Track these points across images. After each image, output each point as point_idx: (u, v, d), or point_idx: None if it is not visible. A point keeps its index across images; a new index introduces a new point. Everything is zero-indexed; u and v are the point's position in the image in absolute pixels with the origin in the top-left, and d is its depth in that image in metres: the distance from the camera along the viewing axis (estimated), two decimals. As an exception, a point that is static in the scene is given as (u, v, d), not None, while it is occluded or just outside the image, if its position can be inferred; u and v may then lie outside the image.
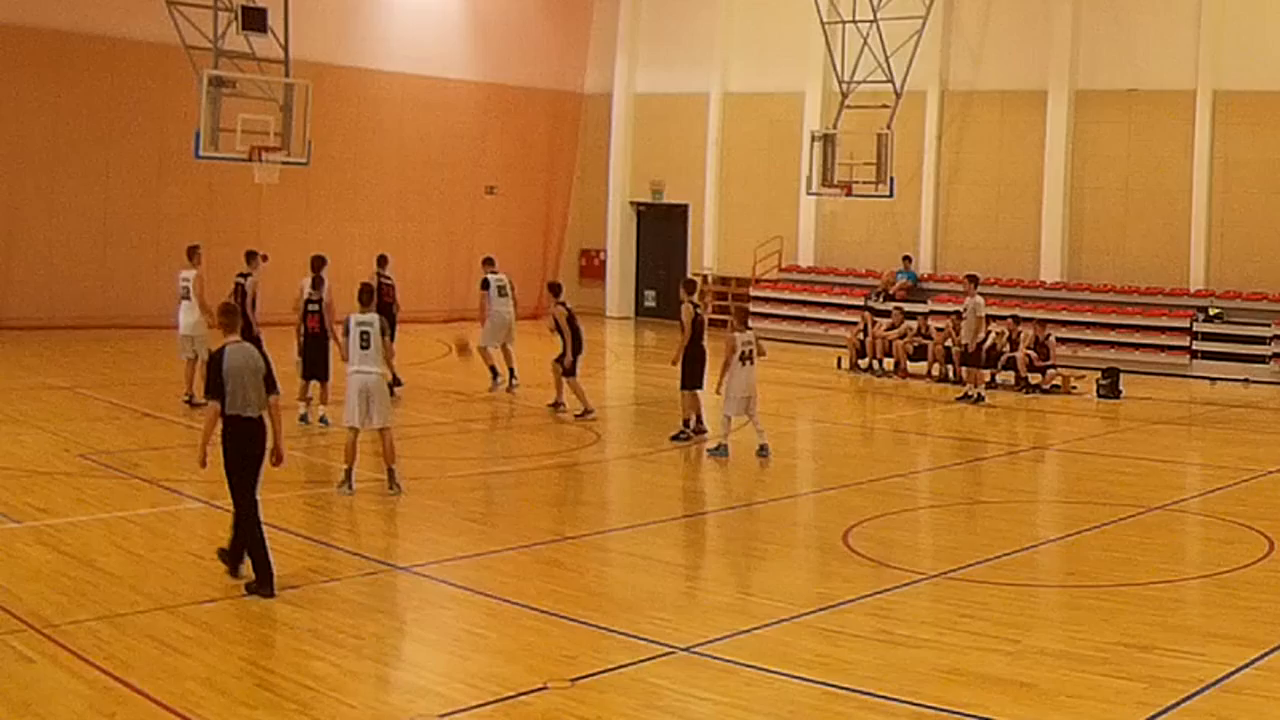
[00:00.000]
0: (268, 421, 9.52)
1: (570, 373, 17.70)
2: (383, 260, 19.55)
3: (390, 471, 12.79)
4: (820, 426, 19.36)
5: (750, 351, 15.40)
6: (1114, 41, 26.19)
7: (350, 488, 12.61)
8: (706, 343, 16.49)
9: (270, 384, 9.55)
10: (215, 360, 9.47)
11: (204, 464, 9.54)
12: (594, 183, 33.74)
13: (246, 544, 9.45)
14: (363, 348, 12.56)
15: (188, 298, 17.32)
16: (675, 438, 16.37)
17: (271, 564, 9.33)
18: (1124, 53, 26.02)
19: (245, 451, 9.42)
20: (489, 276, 19.75)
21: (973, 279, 21.53)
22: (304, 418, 16.27)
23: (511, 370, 19.57)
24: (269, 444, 9.54)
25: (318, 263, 16.85)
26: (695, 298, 16.69)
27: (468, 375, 21.73)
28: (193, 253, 17.57)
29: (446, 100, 30.80)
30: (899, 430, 19.09)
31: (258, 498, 9.49)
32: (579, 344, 17.77)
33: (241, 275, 17.80)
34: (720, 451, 15.27)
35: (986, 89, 27.82)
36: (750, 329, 15.74)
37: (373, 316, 12.79)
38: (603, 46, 33.48)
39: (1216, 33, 24.91)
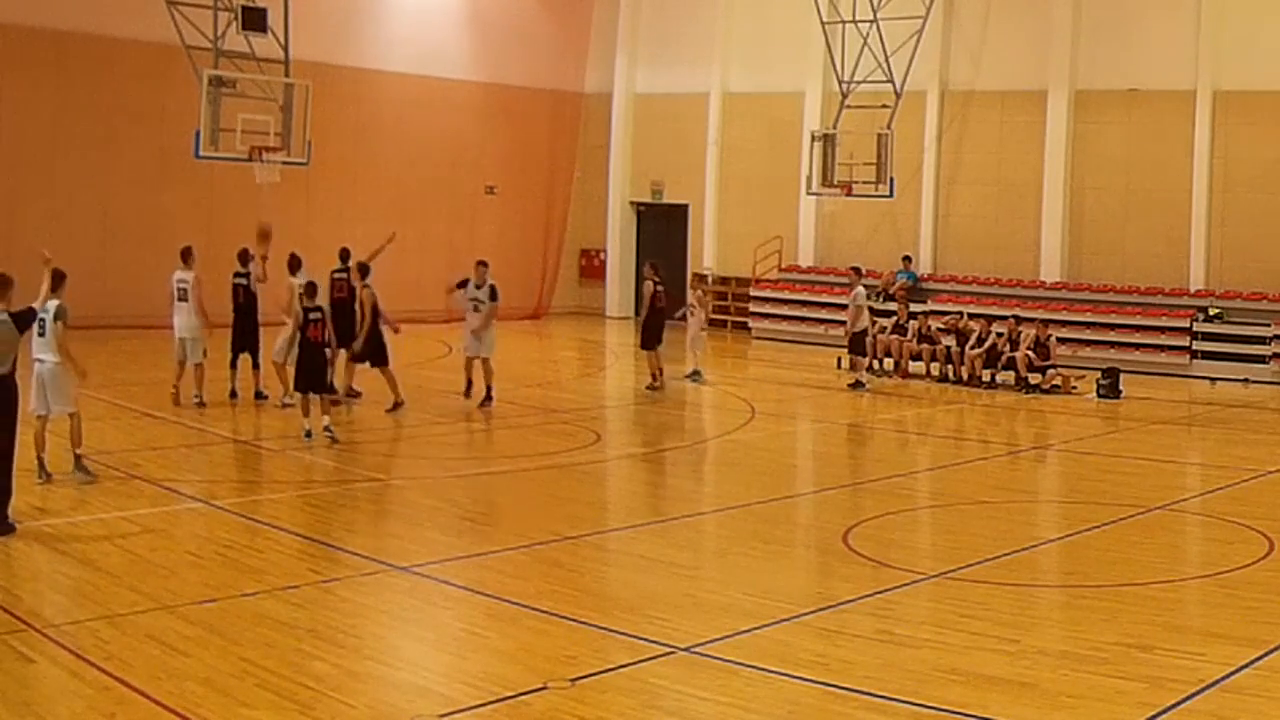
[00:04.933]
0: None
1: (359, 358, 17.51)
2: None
3: (76, 458, 12.51)
4: (820, 426, 19.36)
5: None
6: (1114, 41, 26.19)
7: (46, 476, 12.25)
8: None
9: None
10: None
11: None
12: (594, 183, 33.74)
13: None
14: (39, 335, 12.21)
15: (184, 299, 16.93)
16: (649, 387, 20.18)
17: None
18: (1124, 53, 26.02)
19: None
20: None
21: (856, 270, 22.84)
22: (308, 433, 15.25)
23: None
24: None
25: (309, 285, 15.94)
26: (656, 277, 20.99)
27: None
28: (188, 254, 17.18)
29: (446, 100, 30.80)
30: (899, 430, 19.09)
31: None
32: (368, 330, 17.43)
33: (242, 275, 17.77)
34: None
35: (986, 89, 27.82)
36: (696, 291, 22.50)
37: (52, 303, 12.35)
38: (603, 46, 33.47)
39: (1216, 33, 24.91)
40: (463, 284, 18.58)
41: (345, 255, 18.63)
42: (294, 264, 17.34)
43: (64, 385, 12.49)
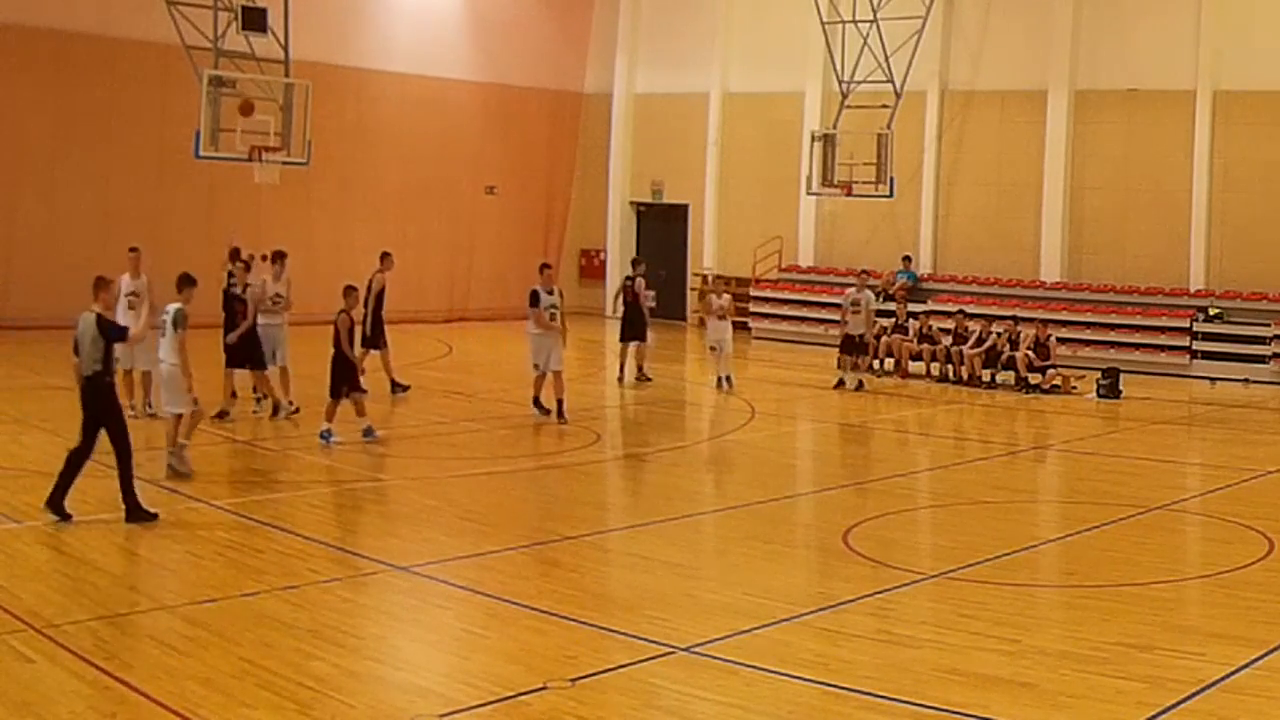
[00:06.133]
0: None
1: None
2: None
3: (177, 449, 13.18)
4: (820, 426, 19.36)
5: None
6: (1114, 41, 26.19)
7: (183, 464, 13.12)
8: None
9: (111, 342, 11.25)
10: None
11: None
12: (594, 183, 33.74)
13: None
14: (161, 335, 13.22)
15: (133, 308, 15.80)
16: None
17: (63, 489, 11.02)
18: (1124, 53, 26.02)
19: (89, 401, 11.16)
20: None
21: (865, 273, 23.42)
22: (324, 434, 15.19)
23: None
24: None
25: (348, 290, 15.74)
26: (632, 272, 21.71)
27: (468, 375, 21.73)
28: (134, 254, 16.61)
29: (446, 100, 30.80)
30: (899, 430, 19.09)
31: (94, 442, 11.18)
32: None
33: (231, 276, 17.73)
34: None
35: (986, 89, 27.82)
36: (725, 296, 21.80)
37: (172, 306, 13.12)
38: (603, 46, 33.48)
39: (1216, 33, 24.91)
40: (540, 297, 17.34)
41: (384, 258, 19.10)
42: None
43: (176, 386, 13.08)
